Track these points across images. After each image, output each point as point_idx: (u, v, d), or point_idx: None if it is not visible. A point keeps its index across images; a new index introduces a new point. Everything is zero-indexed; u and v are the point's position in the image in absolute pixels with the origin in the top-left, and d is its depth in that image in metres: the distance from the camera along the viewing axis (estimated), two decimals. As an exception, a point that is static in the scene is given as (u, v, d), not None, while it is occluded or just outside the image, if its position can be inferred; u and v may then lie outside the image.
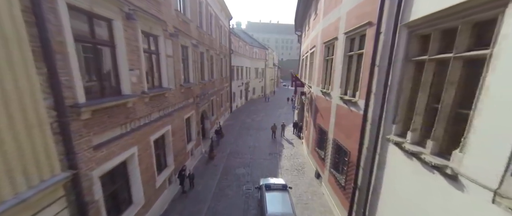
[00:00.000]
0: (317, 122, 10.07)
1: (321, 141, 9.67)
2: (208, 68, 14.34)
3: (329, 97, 8.34)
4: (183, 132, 9.65)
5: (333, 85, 7.94)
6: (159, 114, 7.19)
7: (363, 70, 5.55)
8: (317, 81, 10.26)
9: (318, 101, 10.09)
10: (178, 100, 8.86)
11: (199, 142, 12.51)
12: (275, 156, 12.92)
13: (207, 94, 14.22)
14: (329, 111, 8.28)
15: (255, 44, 37.42)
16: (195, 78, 11.47)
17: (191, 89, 10.78)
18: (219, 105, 18.82)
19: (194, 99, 11.39)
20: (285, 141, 15.76)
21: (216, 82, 17.34)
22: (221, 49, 18.85)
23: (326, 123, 8.72)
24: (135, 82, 5.62)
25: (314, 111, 10.84)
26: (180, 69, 9.01)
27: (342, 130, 7.03)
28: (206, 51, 13.64)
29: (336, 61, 7.63)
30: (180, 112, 9.14)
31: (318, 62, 10.24)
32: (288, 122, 20.54)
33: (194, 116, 11.29)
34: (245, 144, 15.00)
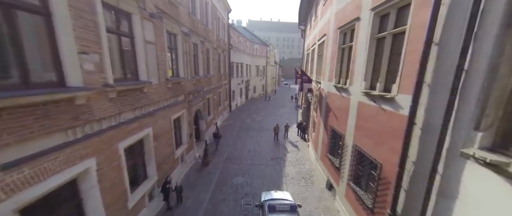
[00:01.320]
0: (329, 123, 8.53)
1: (334, 146, 8.13)
2: (203, 62, 12.81)
3: (346, 93, 6.79)
4: (171, 135, 8.13)
5: (352, 78, 6.40)
6: (135, 114, 5.67)
7: (407, 54, 4.00)
8: (329, 75, 8.71)
9: (331, 98, 8.55)
10: (163, 97, 7.34)
11: (192, 146, 10.99)
12: (279, 162, 11.40)
13: (202, 92, 12.70)
14: (346, 110, 6.74)
15: (256, 40, 35.84)
16: (187, 73, 9.94)
17: (182, 85, 9.25)
18: (217, 104, 17.31)
19: (186, 96, 9.87)
20: (289, 143, 14.22)
21: (213, 79, 15.82)
22: (218, 43, 17.32)
23: (341, 125, 7.18)
24: (92, 70, 4.10)
25: (324, 111, 9.30)
26: (166, 60, 7.48)
27: (368, 134, 5.48)
28: (200, 43, 12.11)
29: (357, 48, 6.08)
30: (166, 111, 7.62)
31: (330, 53, 8.69)
32: (291, 122, 19.03)
33: (185, 116, 9.77)
34: (245, 147, 13.48)
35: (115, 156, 4.85)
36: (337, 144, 7.74)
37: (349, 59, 7.00)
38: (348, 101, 6.63)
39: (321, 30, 10.51)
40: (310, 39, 14.84)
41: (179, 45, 8.82)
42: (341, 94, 7.28)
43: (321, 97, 10.11)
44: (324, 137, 9.28)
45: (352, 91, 6.40)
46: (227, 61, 21.61)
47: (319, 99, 10.54)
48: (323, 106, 9.61)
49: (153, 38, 6.58)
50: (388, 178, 4.50)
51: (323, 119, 9.43)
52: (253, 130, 17.03)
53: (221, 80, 18.83)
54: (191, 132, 10.76)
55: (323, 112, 9.58)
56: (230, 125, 18.24)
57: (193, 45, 11.13)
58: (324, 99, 9.47)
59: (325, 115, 9.24)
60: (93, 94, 4.09)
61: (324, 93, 9.43)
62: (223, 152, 12.55)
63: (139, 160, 6.32)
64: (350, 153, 6.42)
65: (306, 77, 11.23)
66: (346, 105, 6.80)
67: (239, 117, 21.17)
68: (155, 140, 6.85)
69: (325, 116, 9.17)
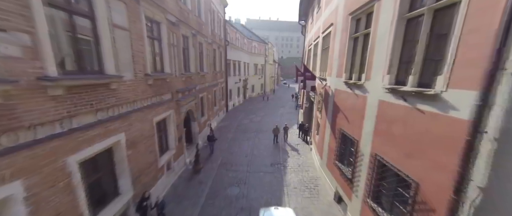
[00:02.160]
0: (337, 126, 7.35)
1: (344, 152, 6.95)
2: (195, 58, 11.59)
3: (362, 91, 5.62)
4: (153, 141, 6.92)
5: (369, 72, 5.22)
6: (97, 117, 4.46)
7: (465, 33, 2.82)
8: (337, 70, 7.54)
9: (339, 97, 7.37)
10: (142, 96, 6.12)
11: (182, 151, 9.78)
12: (279, 168, 10.21)
13: (194, 90, 11.49)
14: (361, 111, 5.57)
15: (254, 37, 34.63)
16: (175, 68, 8.73)
17: (168, 82, 8.04)
18: (212, 104, 16.09)
19: (174, 95, 8.66)
20: (290, 147, 13.04)
21: (207, 76, 14.60)
22: (214, 38, 16.09)
23: (354, 128, 6.00)
24: (15, 56, 2.88)
25: (331, 111, 8.12)
26: (145, 52, 6.26)
27: (395, 142, 4.31)
28: (192, 36, 10.88)
29: (377, 34, 4.91)
30: (146, 112, 6.41)
31: (338, 45, 7.51)
32: (291, 123, 17.88)
33: (173, 117, 8.55)
34: (241, 151, 12.27)
35: (62, 175, 3.63)
36: (349, 150, 6.56)
37: (364, 50, 5.82)
38: (364, 100, 5.45)
39: (326, 20, 9.32)
40: (313, 33, 13.66)
41: (164, 35, 7.60)
42: (354, 91, 6.10)
43: (326, 95, 8.94)
44: (330, 142, 8.11)
45: (370, 88, 5.22)
46: (224, 58, 20.40)
47: (324, 98, 9.36)
48: (329, 106, 8.43)
49: (126, 23, 5.36)
50: (430, 203, 3.33)
51: (330, 120, 8.26)
52: (250, 132, 15.84)
53: (217, 78, 17.61)
54: (181, 136, 9.55)
55: (329, 113, 8.41)
56: (226, 127, 17.03)
57: (183, 38, 9.90)
58: (330, 98, 8.29)
59: (332, 116, 8.07)
60: (17, 89, 2.88)
61: (331, 91, 8.25)
62: (217, 157, 11.34)
63: (106, 174, 5.10)
64: (367, 164, 5.24)
65: (309, 73, 10.04)
66: (361, 104, 5.63)
67: (236, 118, 19.97)
68: (130, 147, 5.63)
69: (332, 118, 7.99)
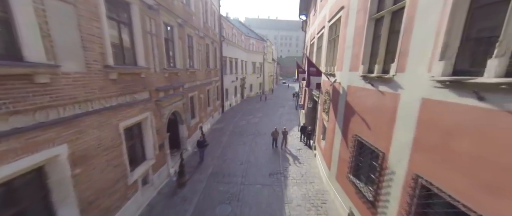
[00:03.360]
0: (352, 131, 5.91)
1: (363, 166, 5.51)
2: (182, 52, 10.12)
3: (391, 86, 4.17)
4: (118, 152, 5.43)
5: (404, 60, 3.77)
6: (10, 123, 2.99)
7: None
8: (351, 62, 6.10)
9: (354, 95, 5.94)
10: (99, 94, 4.65)
11: (164, 160, 8.29)
12: (278, 179, 8.76)
13: (182, 88, 10.02)
14: (390, 113, 4.13)
15: (252, 35, 33.16)
16: (154, 62, 7.26)
17: (143, 78, 6.58)
18: (204, 104, 14.61)
19: (152, 93, 7.19)
20: (290, 153, 11.58)
21: (199, 74, 13.13)
22: (207, 32, 14.62)
23: (379, 136, 4.56)
24: None
25: (342, 113, 6.68)
26: (104, 37, 4.78)
27: (461, 165, 2.85)
28: (178, 26, 9.41)
29: (418, 8, 3.47)
30: (106, 115, 4.93)
31: (352, 31, 6.07)
32: (292, 125, 16.45)
33: (151, 120, 7.08)
34: (236, 157, 10.81)
35: None
36: (369, 164, 5.12)
37: (392, 33, 4.39)
38: (395, 99, 4.01)
39: (335, 4, 7.87)
40: (316, 25, 12.21)
41: (135, 19, 6.12)
42: (377, 88, 4.66)
43: (335, 94, 7.50)
44: (342, 150, 6.67)
45: (405, 82, 3.78)
46: (219, 55, 18.93)
47: (332, 97, 7.92)
48: (339, 107, 6.99)
49: (69, -6, 3.89)
50: None
51: (340, 124, 6.82)
52: (247, 135, 14.38)
53: (211, 76, 16.14)
54: (162, 142, 8.07)
55: (339, 115, 6.97)
56: (221, 129, 15.56)
57: (165, 26, 8.43)
58: (341, 97, 6.85)
59: (343, 119, 6.63)
60: None
61: (341, 89, 6.81)
62: (208, 165, 9.87)
63: (36, 203, 3.63)
64: (402, 186, 3.80)
65: (314, 68, 8.59)
66: (389, 105, 4.19)
67: (233, 119, 18.50)
68: (79, 164, 4.16)
69: (344, 121, 6.55)
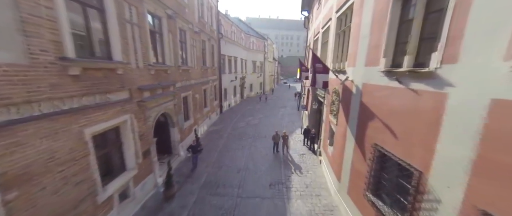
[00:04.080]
0: (370, 139, 4.87)
1: (387, 183, 4.45)
2: (173, 47, 9.10)
3: (432, 84, 3.11)
4: (84, 165, 4.40)
5: (457, 47, 2.73)
6: None
7: None
8: (368, 55, 5.06)
9: (373, 95, 4.89)
10: (50, 93, 3.64)
11: (150, 169, 7.27)
12: (280, 190, 7.72)
13: (173, 88, 9.01)
14: (430, 119, 3.09)
15: (252, 33, 32.11)
16: (135, 56, 6.25)
17: (121, 75, 5.56)
18: (200, 105, 13.59)
19: (133, 93, 6.18)
20: (293, 159, 10.53)
21: (194, 72, 12.12)
22: (203, 28, 13.60)
23: (412, 148, 3.50)
24: None
25: (356, 116, 5.62)
26: (60, 20, 3.76)
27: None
28: (167, 17, 8.39)
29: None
30: (62, 121, 3.91)
31: (369, 17, 5.02)
32: (294, 127, 15.42)
33: (132, 124, 6.07)
34: (233, 163, 9.78)
35: None
36: (397, 183, 4.06)
37: (430, 12, 3.34)
38: (439, 100, 2.96)
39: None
40: (320, 18, 11.15)
41: (108, 4, 5.10)
42: (408, 86, 3.61)
43: (346, 94, 6.44)
44: (355, 161, 5.61)
45: (457, 77, 2.72)
46: (217, 52, 17.91)
47: (342, 97, 6.88)
48: (352, 109, 5.93)
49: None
50: None
51: (353, 130, 5.77)
52: (246, 138, 13.35)
53: (208, 75, 15.13)
54: (148, 148, 7.05)
55: (351, 119, 5.91)
56: (218, 131, 14.54)
57: (151, 17, 7.43)
58: (354, 98, 5.80)
59: (357, 123, 5.58)
60: None
61: (355, 88, 5.75)
62: (201, 173, 8.85)
63: None
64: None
65: (321, 65, 7.53)
66: (428, 107, 3.14)
67: (231, 120, 17.47)
68: (16, 186, 3.14)
69: (359, 126, 5.50)
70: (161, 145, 9.41)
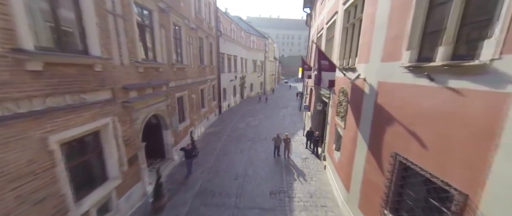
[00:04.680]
0: (388, 147, 4.13)
1: (412, 201, 3.70)
2: (166, 43, 8.39)
3: (481, 82, 2.39)
4: (47, 180, 3.69)
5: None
6: None
7: None
8: (386, 48, 4.32)
9: (392, 95, 4.15)
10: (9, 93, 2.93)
11: (137, 177, 6.56)
12: (282, 200, 7.00)
13: (166, 87, 8.31)
14: (481, 128, 2.36)
15: (253, 31, 31.38)
16: (119, 51, 5.54)
17: (100, 72, 4.85)
18: (197, 105, 12.87)
19: (116, 93, 5.47)
20: (295, 164, 9.80)
21: (190, 71, 11.41)
22: (200, 24, 12.89)
23: (450, 163, 2.77)
24: None
25: (370, 119, 4.88)
26: (12, 4, 3.06)
27: None
28: (158, 11, 7.68)
29: None
30: (16, 126, 3.20)
31: (386, 5, 4.28)
32: (295, 129, 14.70)
33: (114, 128, 5.36)
34: (231, 169, 9.06)
35: None
36: (427, 202, 3.32)
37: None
38: (497, 103, 2.23)
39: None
40: (325, 12, 10.38)
41: (83, -11, 4.39)
42: (445, 84, 2.87)
43: (356, 94, 5.70)
44: (369, 170, 4.87)
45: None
46: (215, 51, 17.20)
47: (351, 97, 6.14)
48: (364, 111, 5.19)
49: None
50: None
51: (366, 134, 5.03)
52: (246, 140, 12.62)
53: (205, 74, 14.42)
54: (135, 154, 6.34)
55: (364, 122, 5.17)
56: (216, 133, 13.81)
57: (137, 8, 6.72)
58: (367, 98, 5.06)
59: (371, 127, 4.84)
60: None
61: (368, 87, 5.01)
62: (196, 180, 8.13)
63: None
64: None
65: (326, 62, 6.78)
66: (478, 112, 2.41)
67: (230, 121, 16.76)
68: None
69: (373, 130, 4.76)
70: (153, 149, 8.73)
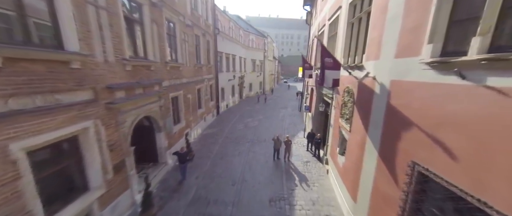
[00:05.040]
0: (406, 155, 3.62)
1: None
2: (157, 39, 7.84)
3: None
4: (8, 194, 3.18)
5: None
6: None
7: None
8: (400, 43, 3.80)
9: (410, 96, 3.63)
10: None
11: (125, 185, 6.02)
12: (282, 208, 6.48)
13: (159, 87, 7.77)
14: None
15: (252, 30, 30.85)
16: (102, 47, 5.01)
17: (78, 70, 4.32)
18: (193, 106, 12.33)
19: (99, 93, 4.93)
20: (296, 167, 9.29)
21: (186, 70, 10.88)
22: (196, 21, 12.35)
23: (492, 180, 2.27)
24: None
25: (383, 123, 4.36)
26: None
27: None
28: (150, 4, 7.15)
29: None
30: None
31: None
32: (296, 130, 14.20)
33: (97, 132, 4.83)
34: (228, 173, 8.53)
35: None
36: None
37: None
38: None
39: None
40: (327, 8, 9.84)
41: (56, -25, 3.86)
42: (482, 83, 2.36)
43: (364, 94, 5.19)
44: (380, 180, 4.36)
45: None
46: (213, 49, 16.65)
47: (358, 98, 5.64)
48: (374, 113, 4.68)
49: None
50: None
51: (376, 139, 4.51)
52: (244, 142, 12.09)
53: (202, 73, 13.88)
54: (122, 160, 5.81)
55: (373, 125, 4.66)
56: (214, 135, 13.28)
57: (126, 1, 6.18)
58: (378, 99, 4.55)
59: (383, 131, 4.32)
60: None
61: (379, 86, 4.50)
62: (190, 186, 7.60)
63: None
64: None
65: (331, 59, 6.26)
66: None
67: (229, 122, 16.22)
68: None
69: (385, 135, 4.25)
70: (145, 152, 8.21)
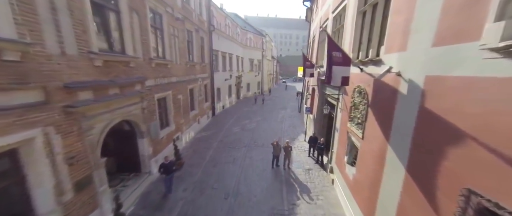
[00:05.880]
0: (458, 180, 2.64)
1: None
2: (138, 31, 6.82)
3: None
4: None
5: None
6: None
7: None
8: (439, 26, 2.82)
9: (461, 99, 2.65)
10: None
11: (92, 205, 4.97)
12: (283, 230, 5.49)
13: (141, 86, 6.74)
14: None
15: (249, 28, 29.86)
16: (57, 35, 3.97)
17: (17, 63, 3.28)
18: (185, 108, 11.28)
19: (54, 94, 3.90)
20: (297, 177, 8.28)
21: (176, 68, 9.86)
22: (188, 15, 11.32)
23: None
24: None
25: (413, 131, 3.37)
26: None
27: None
28: (127, -10, 6.13)
29: None
30: None
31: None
32: (295, 133, 13.21)
33: (47, 142, 3.80)
34: (221, 184, 7.51)
35: None
36: None
37: None
38: None
39: None
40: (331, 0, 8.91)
41: None
42: None
43: (383, 94, 4.21)
44: (410, 207, 3.36)
45: None
46: (208, 47, 15.63)
47: (375, 99, 4.66)
48: (397, 118, 3.69)
49: None
50: None
51: (403, 152, 3.52)
52: (240, 146, 11.08)
53: (195, 72, 12.85)
54: (87, 176, 4.77)
55: (397, 133, 3.68)
56: (208, 139, 12.24)
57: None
58: (403, 100, 3.56)
59: (413, 143, 3.33)
60: None
61: (406, 85, 3.52)
62: (175, 201, 6.57)
63: None
64: None
65: (340, 54, 5.26)
66: None
67: (224, 125, 15.19)
68: None
69: (417, 148, 3.26)
70: (126, 161, 7.19)
